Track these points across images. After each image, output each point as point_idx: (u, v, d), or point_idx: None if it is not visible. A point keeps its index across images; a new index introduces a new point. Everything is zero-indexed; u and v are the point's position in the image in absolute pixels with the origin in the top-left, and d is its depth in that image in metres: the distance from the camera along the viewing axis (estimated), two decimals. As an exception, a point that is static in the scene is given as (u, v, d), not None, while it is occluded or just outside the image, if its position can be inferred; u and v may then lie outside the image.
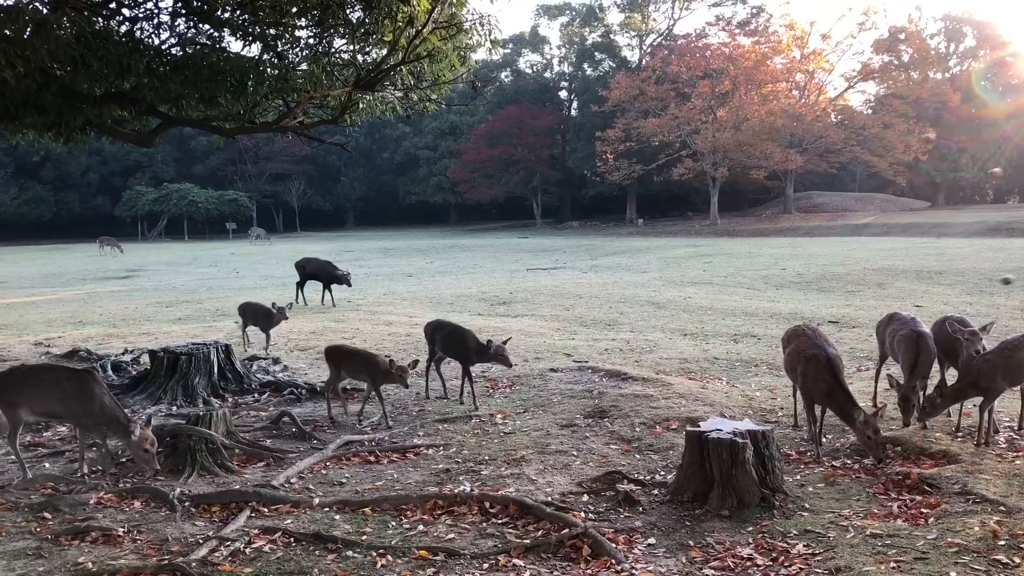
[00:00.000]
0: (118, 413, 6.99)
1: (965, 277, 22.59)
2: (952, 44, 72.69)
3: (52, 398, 7.13)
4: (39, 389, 7.16)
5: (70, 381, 7.15)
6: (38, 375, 7.35)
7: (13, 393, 7.15)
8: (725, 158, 61.42)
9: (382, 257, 42.80)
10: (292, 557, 5.50)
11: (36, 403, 7.17)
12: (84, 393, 6.96)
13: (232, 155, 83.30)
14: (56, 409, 7.24)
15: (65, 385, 7.11)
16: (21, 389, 7.15)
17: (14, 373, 7.39)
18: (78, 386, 7.03)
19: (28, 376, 7.33)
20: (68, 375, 7.27)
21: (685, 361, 12.47)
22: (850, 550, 5.39)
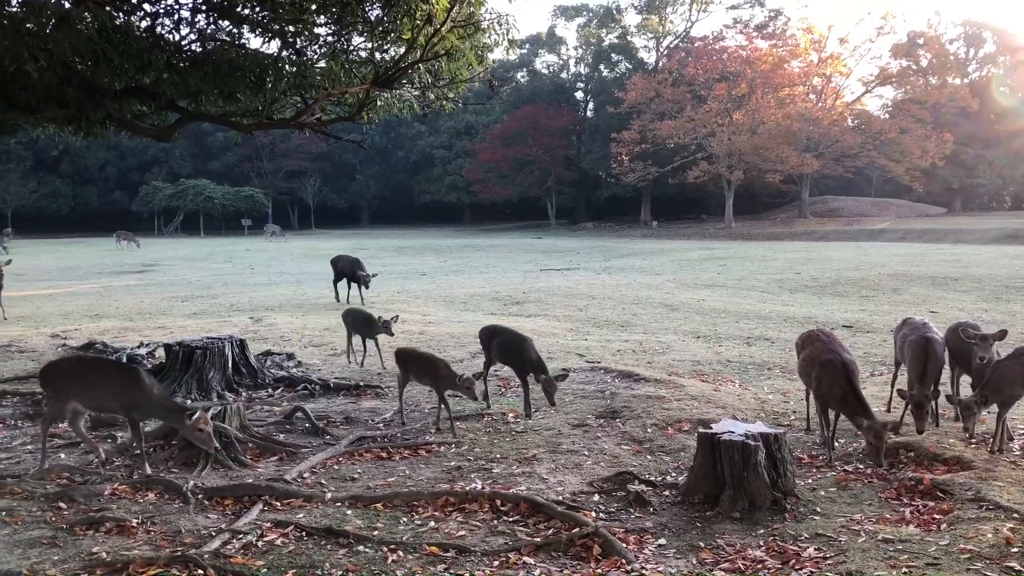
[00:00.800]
0: (167, 402, 7.12)
1: (981, 284, 22.44)
2: (971, 49, 72.23)
3: (102, 393, 7.20)
4: (88, 385, 7.22)
5: (118, 376, 7.26)
6: (87, 371, 7.43)
7: (62, 385, 7.24)
8: (741, 161, 61.23)
9: (396, 256, 42.89)
10: (304, 551, 5.54)
11: (87, 399, 7.25)
12: (135, 387, 7.02)
13: (248, 152, 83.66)
14: (107, 403, 7.30)
15: (114, 380, 7.20)
16: (70, 383, 7.22)
17: (63, 365, 7.47)
18: (127, 380, 7.11)
19: (77, 370, 7.42)
20: (116, 371, 7.41)
21: (698, 363, 12.45)
22: (861, 555, 5.38)
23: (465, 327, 16.17)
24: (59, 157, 79.24)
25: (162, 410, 7.10)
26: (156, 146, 78.51)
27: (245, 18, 8.21)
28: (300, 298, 22.29)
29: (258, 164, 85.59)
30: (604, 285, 24.66)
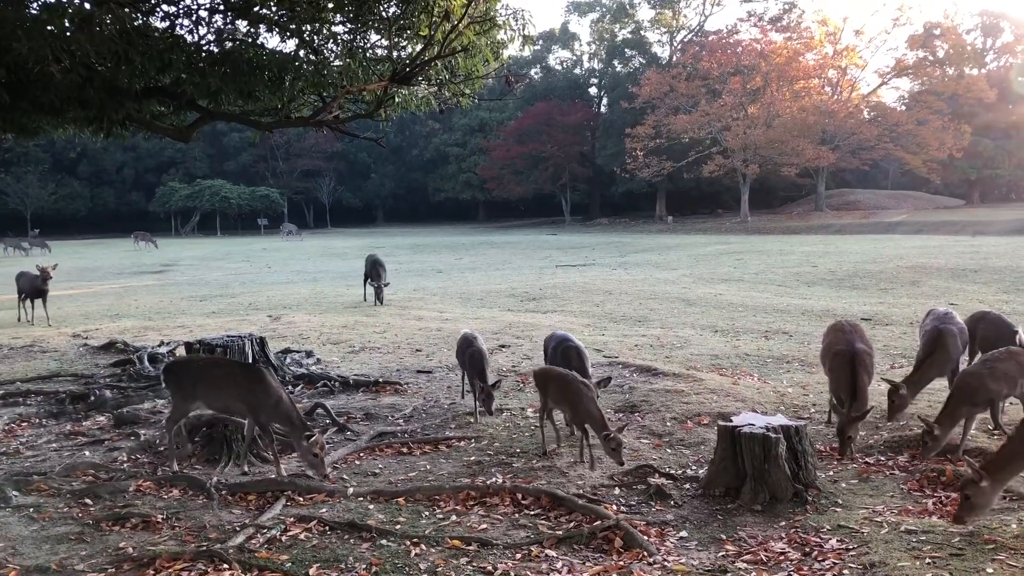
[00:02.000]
0: (292, 412, 6.95)
1: (1001, 275, 22.26)
2: (989, 40, 71.58)
3: (227, 394, 7.16)
4: (214, 385, 7.22)
5: (244, 376, 7.19)
6: (213, 370, 7.43)
7: (189, 385, 7.24)
8: (756, 155, 60.94)
9: (412, 253, 43.00)
10: (327, 545, 5.58)
11: (211, 399, 7.25)
12: (260, 388, 6.96)
13: (264, 152, 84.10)
14: (231, 404, 7.23)
15: (240, 380, 7.14)
16: (197, 382, 7.23)
17: (191, 365, 7.45)
18: (252, 381, 7.04)
19: (204, 369, 7.44)
20: (242, 370, 7.34)
21: (716, 357, 12.44)
22: (884, 546, 5.36)
23: (482, 323, 16.20)
24: (77, 159, 79.99)
25: (284, 419, 6.95)
26: (173, 147, 79.09)
27: (262, 17, 8.26)
28: (317, 296, 22.40)
29: (273, 164, 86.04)
30: (620, 280, 24.63)
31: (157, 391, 9.85)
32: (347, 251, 44.63)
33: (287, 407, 6.92)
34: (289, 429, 6.93)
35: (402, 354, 13.21)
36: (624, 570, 5.15)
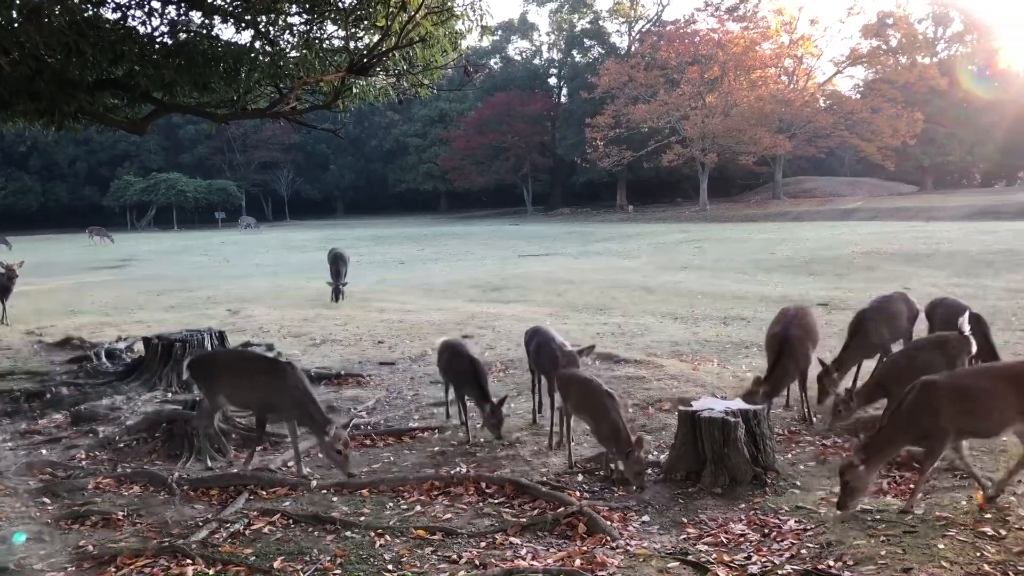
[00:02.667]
0: (312, 408, 6.66)
1: (953, 260, 22.76)
2: (940, 29, 72.73)
3: (245, 388, 6.99)
4: (236, 379, 7.05)
5: (265, 372, 6.96)
6: (236, 364, 7.24)
7: (212, 378, 7.10)
8: (714, 144, 61.44)
9: (373, 245, 42.78)
10: (291, 538, 5.57)
11: (231, 394, 7.09)
12: (278, 385, 6.72)
13: (220, 144, 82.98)
14: (248, 399, 7.08)
15: (259, 376, 6.94)
16: (220, 376, 7.08)
17: (216, 358, 7.30)
18: (273, 378, 6.80)
19: (227, 362, 7.25)
20: (264, 366, 7.08)
21: (676, 344, 12.58)
22: (841, 526, 5.49)
23: (445, 314, 16.22)
24: (27, 153, 78.14)
25: (305, 415, 6.66)
26: (127, 140, 77.62)
27: (217, 8, 8.16)
28: (277, 289, 22.22)
29: (230, 156, 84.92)
30: (582, 270, 24.76)
31: (116, 387, 9.72)
32: (307, 243, 44.27)
33: (306, 404, 6.63)
34: (310, 426, 6.66)
35: (364, 346, 13.17)
36: (588, 555, 5.21)
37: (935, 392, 5.58)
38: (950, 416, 5.49)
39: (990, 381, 5.64)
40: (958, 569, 4.68)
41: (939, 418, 5.50)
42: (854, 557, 4.96)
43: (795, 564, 4.98)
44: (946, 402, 5.52)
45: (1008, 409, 5.52)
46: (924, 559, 4.83)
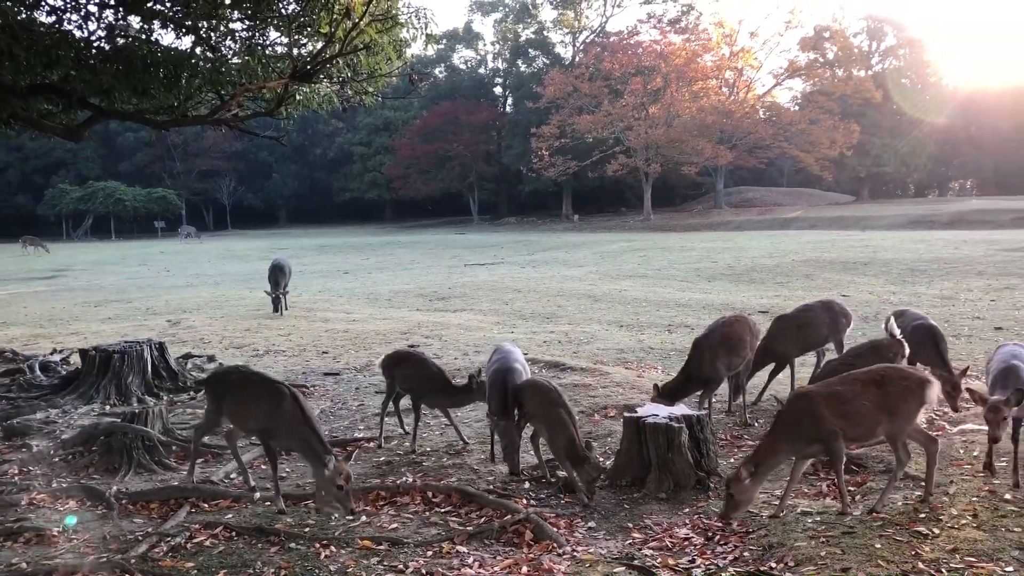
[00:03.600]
0: (311, 438, 6.07)
1: (889, 268, 23.37)
2: (874, 43, 74.84)
3: (247, 412, 6.55)
4: (239, 402, 6.60)
5: (264, 396, 6.39)
6: (242, 386, 6.65)
7: (219, 395, 6.75)
8: (657, 154, 62.22)
9: (317, 254, 42.35)
10: (234, 551, 5.48)
11: (234, 416, 6.69)
12: (275, 411, 6.23)
13: (160, 152, 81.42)
14: (248, 423, 6.62)
15: (258, 400, 6.42)
16: (225, 394, 6.69)
17: (228, 376, 6.86)
18: (272, 402, 6.28)
19: (235, 382, 6.73)
20: (264, 390, 6.46)
21: (621, 351, 12.70)
22: (782, 527, 5.60)
23: (391, 324, 16.13)
24: (-44, 160, 75.75)
25: (302, 445, 6.11)
26: (62, 147, 75.71)
27: (156, 13, 8.02)
28: (219, 300, 21.85)
29: (170, 164, 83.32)
30: (528, 278, 24.84)
31: (51, 400, 9.46)
32: (249, 253, 43.65)
33: (303, 432, 6.08)
34: (308, 457, 6.09)
35: (308, 356, 13.03)
36: (535, 562, 5.23)
37: (811, 402, 5.74)
38: (829, 421, 5.65)
39: (859, 386, 5.80)
40: (894, 567, 4.80)
41: (823, 425, 5.65)
42: (795, 558, 5.06)
43: (738, 566, 5.06)
44: (824, 410, 5.67)
45: (876, 411, 5.71)
46: (862, 559, 4.95)
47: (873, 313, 15.79)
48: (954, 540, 5.15)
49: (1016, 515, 5.51)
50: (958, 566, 4.77)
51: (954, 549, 5.01)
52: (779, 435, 5.76)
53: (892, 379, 5.80)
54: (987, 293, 18.01)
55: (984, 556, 4.88)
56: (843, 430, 5.63)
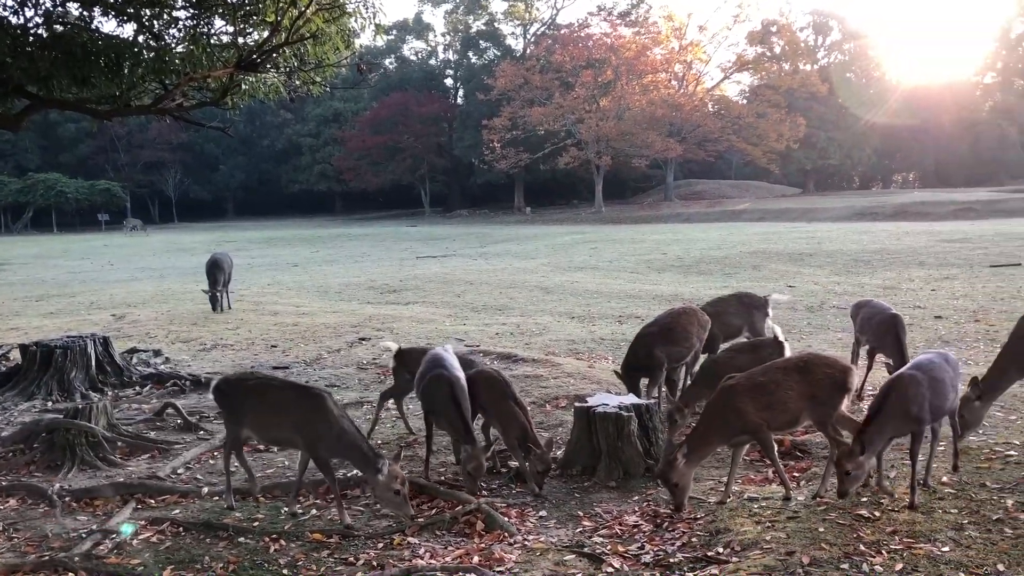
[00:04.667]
0: (361, 443, 5.82)
1: (833, 259, 23.82)
2: (820, 37, 76.26)
3: (281, 421, 6.04)
4: (267, 409, 6.09)
5: (299, 402, 5.98)
6: (265, 392, 6.17)
7: (237, 406, 6.20)
8: (608, 147, 62.62)
9: (266, 247, 41.83)
10: (182, 546, 5.41)
11: (260, 427, 6.19)
12: (318, 417, 5.82)
13: (103, 143, 79.59)
14: (284, 435, 6.15)
15: (294, 406, 5.97)
16: (244, 403, 6.16)
17: (243, 383, 6.33)
18: (312, 408, 5.87)
19: (255, 389, 6.21)
20: (297, 394, 6.10)
21: (573, 342, 12.77)
22: (729, 513, 5.70)
23: (341, 317, 16.01)
24: None
25: (352, 451, 5.80)
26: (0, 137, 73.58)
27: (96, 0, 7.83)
28: (165, 293, 21.45)
29: (114, 156, 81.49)
30: (480, 271, 24.83)
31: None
32: (196, 246, 42.92)
33: (351, 438, 5.80)
34: (359, 463, 5.81)
35: (257, 350, 12.88)
36: (485, 551, 5.26)
37: (735, 393, 5.84)
38: (753, 413, 5.76)
39: (781, 375, 5.94)
40: (837, 550, 4.92)
41: (747, 416, 5.76)
42: (741, 543, 5.15)
43: (686, 552, 5.14)
44: (747, 400, 5.79)
45: (799, 399, 5.85)
46: (807, 542, 5.06)
47: (818, 303, 16.11)
48: (894, 523, 5.29)
49: (953, 497, 5.69)
50: (897, 547, 4.91)
51: (894, 531, 5.15)
52: (707, 426, 5.86)
53: (815, 366, 5.92)
54: (928, 283, 18.46)
55: (922, 537, 5.02)
56: (768, 420, 5.72)
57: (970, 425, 6.56)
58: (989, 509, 5.43)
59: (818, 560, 4.79)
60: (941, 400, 5.73)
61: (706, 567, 4.89)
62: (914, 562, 4.70)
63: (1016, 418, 7.43)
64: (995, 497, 5.64)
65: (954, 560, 4.70)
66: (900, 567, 4.65)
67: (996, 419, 7.30)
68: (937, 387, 5.68)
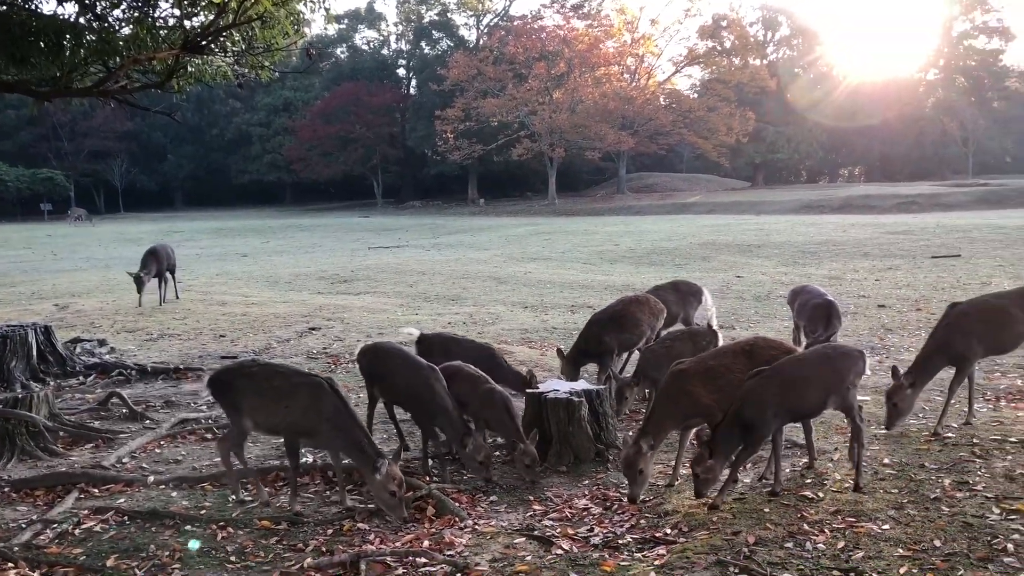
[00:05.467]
0: (360, 437, 5.61)
1: (781, 250, 24.22)
2: (769, 32, 77.19)
3: (281, 411, 5.77)
4: (266, 398, 5.83)
5: (306, 389, 5.75)
6: (268, 380, 5.89)
7: (238, 395, 5.94)
8: (562, 139, 62.78)
9: (214, 237, 41.19)
10: (127, 535, 5.32)
11: (259, 414, 5.89)
12: (314, 405, 5.66)
13: (45, 131, 77.52)
14: (276, 422, 5.88)
15: (291, 394, 5.76)
16: (245, 392, 5.90)
17: (242, 371, 6.10)
18: (310, 396, 5.70)
19: (256, 377, 5.95)
20: (302, 381, 5.83)
21: (525, 331, 12.81)
22: (677, 496, 5.79)
23: (291, 307, 15.85)
24: None
25: (349, 446, 5.62)
26: (-65, 124, 71.32)
27: (35, -20, 7.63)
28: (110, 283, 21.00)
29: (57, 144, 79.34)
30: (433, 261, 24.76)
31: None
32: (143, 236, 42.04)
33: (349, 432, 5.62)
34: (357, 458, 5.62)
35: (204, 340, 12.69)
36: (436, 536, 5.26)
37: (686, 377, 5.92)
38: (705, 396, 5.84)
39: (729, 358, 6.04)
40: (781, 529, 5.02)
41: (699, 399, 5.84)
42: (688, 524, 5.23)
43: (635, 533, 5.20)
44: (698, 384, 5.87)
45: None
46: (752, 522, 5.16)
47: (765, 293, 16.37)
48: (837, 503, 5.42)
49: (894, 478, 5.84)
50: (840, 526, 5.02)
51: (837, 511, 5.27)
52: (661, 411, 5.91)
53: (761, 349, 6.01)
54: (872, 273, 18.87)
55: (864, 516, 5.15)
56: (718, 403, 5.78)
57: (903, 412, 6.71)
58: (927, 488, 5.59)
59: (763, 539, 4.88)
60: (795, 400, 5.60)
61: (654, 547, 4.96)
62: (856, 540, 4.82)
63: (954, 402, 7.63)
64: (933, 477, 5.81)
65: (894, 537, 4.83)
66: (842, 545, 4.76)
67: (937, 403, 7.49)
68: (791, 386, 5.58)
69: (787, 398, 5.55)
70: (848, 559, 4.59)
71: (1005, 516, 5.05)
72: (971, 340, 6.81)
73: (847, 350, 5.93)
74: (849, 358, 5.77)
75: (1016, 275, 17.15)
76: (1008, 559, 4.49)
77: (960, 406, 7.18)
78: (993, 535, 4.78)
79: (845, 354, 5.83)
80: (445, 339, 8.09)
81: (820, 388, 5.66)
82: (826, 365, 5.75)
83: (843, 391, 5.68)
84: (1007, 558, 4.50)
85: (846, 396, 5.70)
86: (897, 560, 4.54)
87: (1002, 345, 7.06)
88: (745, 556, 4.65)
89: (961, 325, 6.87)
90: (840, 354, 5.86)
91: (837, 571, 4.46)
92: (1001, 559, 4.50)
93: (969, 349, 6.81)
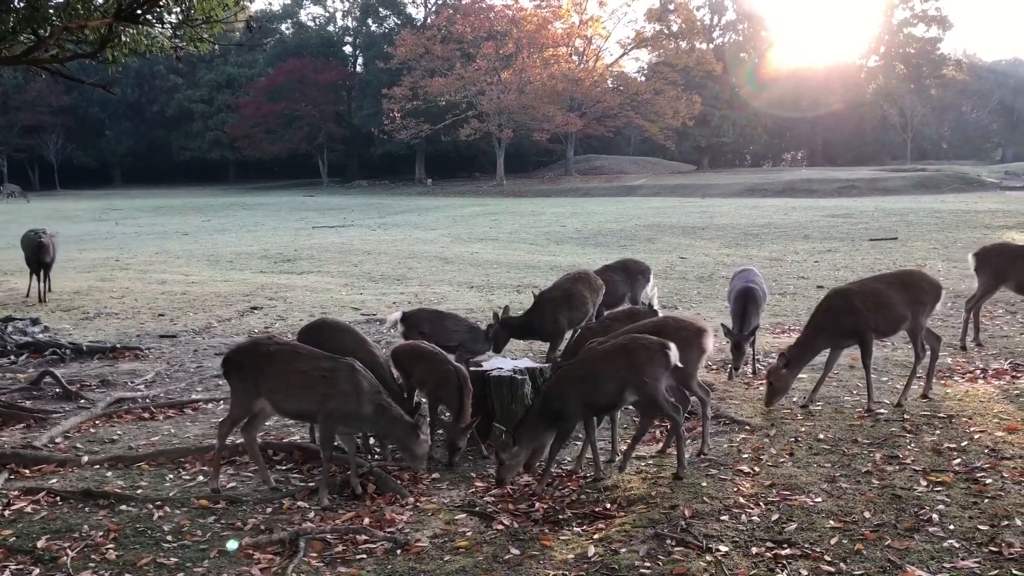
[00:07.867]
0: (395, 411, 5.59)
1: (724, 232, 24.56)
2: (716, 16, 77.88)
3: (306, 393, 5.53)
4: (288, 378, 5.56)
5: (333, 373, 5.52)
6: (291, 361, 5.62)
7: (251, 375, 5.63)
8: (510, 120, 62.61)
9: (154, 215, 40.28)
10: (59, 516, 5.21)
11: (282, 397, 5.62)
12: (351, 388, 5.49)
13: (-25, 104, 74.82)
14: (308, 407, 5.62)
15: (325, 377, 5.51)
16: (263, 373, 5.58)
17: (257, 349, 5.80)
18: (342, 379, 5.50)
19: (275, 357, 5.65)
20: (331, 364, 5.57)
21: (471, 311, 12.77)
22: (618, 471, 5.84)
23: (232, 286, 15.62)
24: None
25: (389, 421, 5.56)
26: None
27: (-40, -57, 7.32)
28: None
29: (-12, 119, 76.63)
30: (379, 241, 24.58)
31: None
32: (80, 213, 40.98)
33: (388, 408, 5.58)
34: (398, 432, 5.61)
35: (143, 319, 12.45)
36: (376, 513, 5.25)
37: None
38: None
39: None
40: (718, 503, 5.11)
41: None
42: (628, 499, 5.30)
43: (574, 508, 5.26)
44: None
45: None
46: (689, 496, 5.25)
47: (708, 274, 16.59)
48: (772, 476, 5.54)
49: (827, 452, 5.99)
50: (774, 499, 5.14)
51: (772, 484, 5.39)
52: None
53: (670, 329, 6.07)
54: (812, 255, 19.25)
55: (798, 489, 5.27)
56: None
57: (778, 392, 7.05)
58: (859, 463, 5.74)
59: (700, 512, 4.97)
60: (598, 394, 5.63)
61: (594, 522, 5.02)
62: (789, 512, 4.93)
63: (887, 379, 7.85)
64: (865, 451, 5.97)
65: (826, 509, 4.96)
66: (776, 517, 4.87)
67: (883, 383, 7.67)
68: (591, 379, 5.63)
69: (586, 391, 5.59)
70: (781, 531, 4.70)
71: (932, 488, 5.21)
72: (859, 316, 6.97)
73: (647, 343, 5.68)
74: (647, 351, 5.61)
75: (949, 257, 17.65)
76: (933, 528, 4.64)
77: (892, 383, 7.37)
78: (920, 506, 4.93)
79: (644, 347, 5.65)
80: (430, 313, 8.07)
81: (616, 381, 5.61)
82: (623, 358, 5.64)
83: (640, 384, 5.57)
84: (932, 527, 4.65)
85: (644, 389, 5.57)
86: (828, 531, 4.66)
87: (879, 327, 7.11)
88: (682, 529, 4.74)
89: (843, 306, 7.06)
90: (639, 347, 5.67)
91: (771, 542, 4.57)
92: (927, 529, 4.65)
93: (860, 323, 6.97)
